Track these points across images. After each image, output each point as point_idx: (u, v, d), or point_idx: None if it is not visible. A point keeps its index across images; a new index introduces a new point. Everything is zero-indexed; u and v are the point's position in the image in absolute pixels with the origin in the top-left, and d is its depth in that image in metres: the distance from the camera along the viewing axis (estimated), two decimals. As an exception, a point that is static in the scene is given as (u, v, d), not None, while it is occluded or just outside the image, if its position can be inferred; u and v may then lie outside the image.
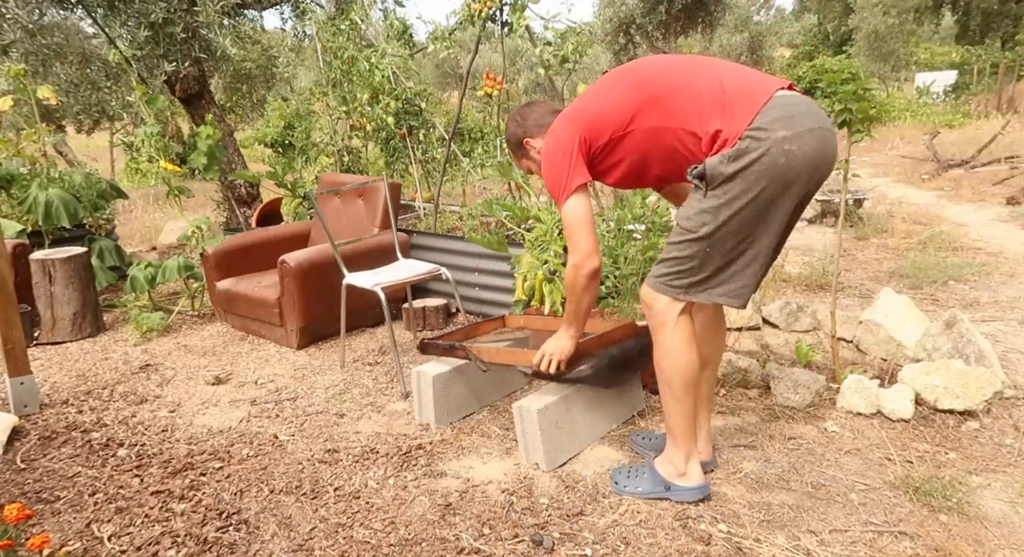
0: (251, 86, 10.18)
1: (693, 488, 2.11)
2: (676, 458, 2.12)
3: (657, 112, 1.94)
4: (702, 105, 1.88)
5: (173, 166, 4.02)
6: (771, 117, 1.81)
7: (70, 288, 3.85)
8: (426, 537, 1.99)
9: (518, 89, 15.96)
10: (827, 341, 3.05)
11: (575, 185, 2.01)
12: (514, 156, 2.39)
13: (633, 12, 16.19)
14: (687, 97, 1.91)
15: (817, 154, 1.82)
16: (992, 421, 2.52)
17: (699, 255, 1.92)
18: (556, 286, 3.18)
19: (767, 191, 1.82)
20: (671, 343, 2.00)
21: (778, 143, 1.79)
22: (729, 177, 1.82)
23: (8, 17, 4.94)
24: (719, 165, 1.83)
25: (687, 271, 1.94)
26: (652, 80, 1.99)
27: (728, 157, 1.82)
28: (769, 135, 1.79)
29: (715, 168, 1.84)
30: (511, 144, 2.36)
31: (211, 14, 4.64)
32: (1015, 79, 16.16)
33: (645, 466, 2.21)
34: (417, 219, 5.16)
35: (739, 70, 1.97)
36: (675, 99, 1.92)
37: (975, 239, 5.36)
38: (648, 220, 3.22)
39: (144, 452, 2.58)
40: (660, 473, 2.14)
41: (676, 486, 2.11)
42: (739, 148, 1.80)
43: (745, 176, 1.81)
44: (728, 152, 1.82)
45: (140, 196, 8.87)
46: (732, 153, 1.81)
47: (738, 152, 1.81)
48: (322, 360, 3.49)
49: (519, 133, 2.31)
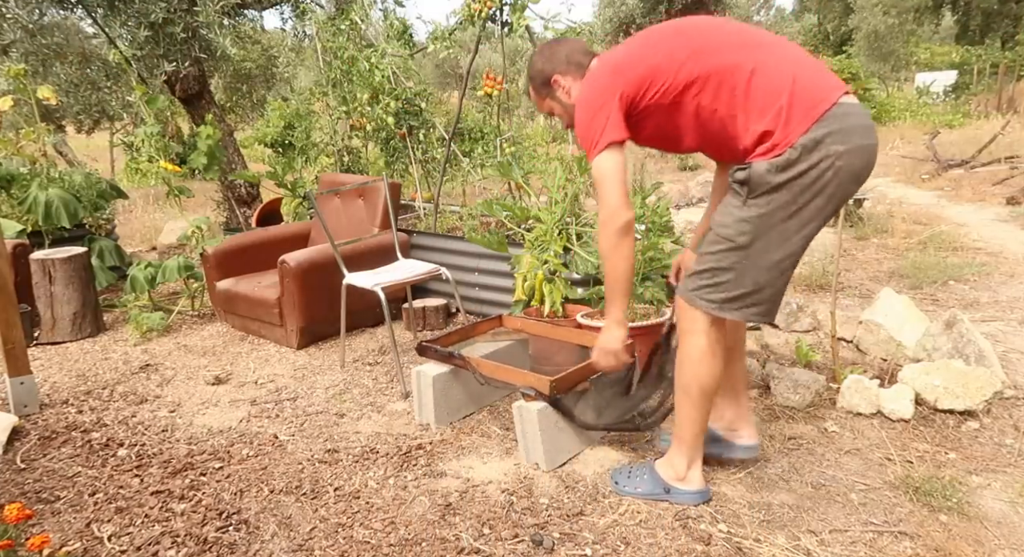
0: (251, 86, 10.18)
1: (693, 492, 2.09)
2: (678, 462, 2.10)
3: (711, 91, 1.81)
4: (762, 99, 1.77)
5: (173, 166, 4.02)
6: (828, 130, 1.72)
7: (70, 288, 3.85)
8: (426, 537, 1.99)
9: (518, 89, 15.95)
10: (827, 341, 3.05)
11: (609, 140, 1.87)
12: (536, 95, 2.19)
13: (633, 12, 16.18)
14: (749, 85, 1.78)
15: (861, 170, 1.78)
16: (992, 421, 2.52)
17: (737, 266, 1.84)
18: (556, 286, 3.18)
19: (811, 204, 1.76)
20: (696, 349, 1.95)
21: (829, 158, 1.72)
22: (775, 187, 1.75)
23: (8, 17, 4.94)
24: (766, 174, 1.75)
25: (724, 285, 1.87)
26: (717, 52, 1.83)
27: (777, 166, 1.74)
28: (823, 149, 1.72)
29: (762, 177, 1.75)
30: (535, 81, 2.15)
31: (211, 14, 4.64)
32: (1015, 79, 16.16)
33: (645, 467, 2.19)
34: (417, 219, 5.16)
35: (809, 63, 1.83)
36: (736, 83, 1.79)
37: (975, 239, 5.36)
38: (648, 220, 3.22)
39: (144, 452, 2.58)
40: (660, 475, 2.13)
41: (675, 489, 2.10)
42: (789, 158, 1.73)
43: (791, 187, 1.75)
44: (778, 161, 1.74)
45: (140, 196, 8.87)
46: (782, 162, 1.73)
47: (788, 162, 1.73)
48: (322, 360, 3.49)
49: (547, 69, 2.11)
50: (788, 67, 1.80)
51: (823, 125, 1.72)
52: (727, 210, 1.85)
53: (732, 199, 1.85)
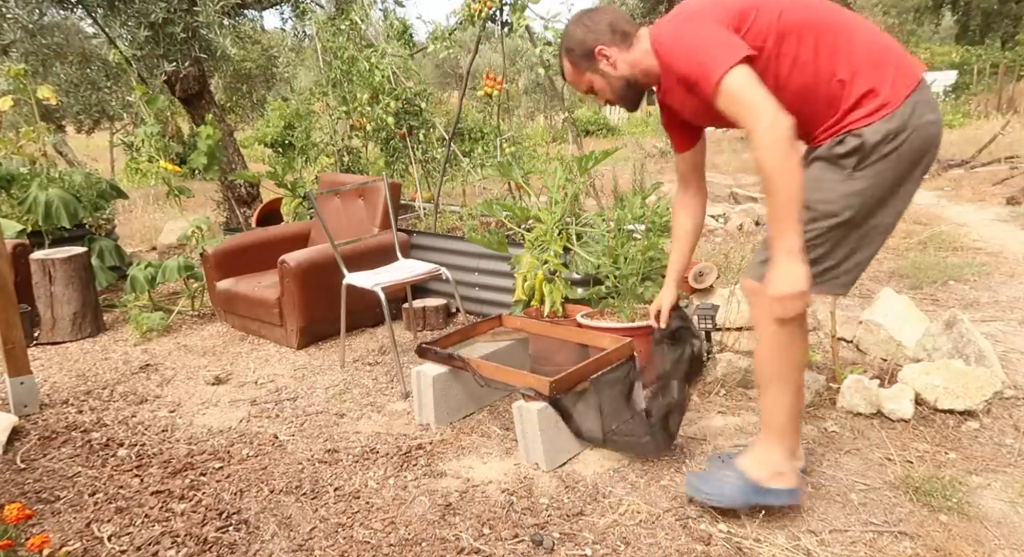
0: (251, 86, 10.18)
1: (791, 490, 1.93)
2: (775, 457, 1.93)
3: (811, 43, 1.71)
4: (866, 56, 1.70)
5: (173, 166, 4.03)
6: (924, 97, 1.70)
7: (70, 288, 3.85)
8: (426, 537, 1.99)
9: (518, 89, 15.96)
10: (827, 341, 3.05)
11: (735, 57, 1.63)
12: (574, 68, 1.99)
13: (633, 12, 16.20)
14: (851, 40, 1.71)
15: (939, 141, 1.77)
16: (992, 421, 2.52)
17: (833, 240, 1.76)
18: (556, 286, 3.18)
19: (912, 174, 1.74)
20: (791, 335, 1.82)
21: (924, 127, 1.70)
22: (883, 157, 1.69)
23: (8, 17, 4.94)
24: (880, 144, 1.68)
25: (818, 259, 1.77)
26: (812, 6, 1.75)
27: (889, 134, 1.68)
28: (917, 116, 1.68)
29: (875, 147, 1.68)
30: (574, 53, 1.96)
31: (211, 14, 4.64)
32: (1015, 79, 16.16)
33: (728, 467, 1.99)
34: (417, 219, 5.16)
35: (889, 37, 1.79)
36: (837, 38, 1.71)
37: (975, 239, 5.36)
38: (648, 220, 3.22)
39: (144, 452, 2.58)
40: (752, 477, 1.93)
41: (773, 490, 1.92)
42: (898, 125, 1.67)
43: (899, 156, 1.70)
44: (890, 127, 1.67)
45: (140, 196, 8.87)
46: (893, 130, 1.67)
47: (898, 129, 1.68)
48: (322, 360, 3.49)
49: (590, 40, 1.91)
50: (880, 33, 1.75)
51: (918, 92, 1.69)
52: (827, 185, 1.75)
53: (831, 173, 1.75)
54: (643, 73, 1.93)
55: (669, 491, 2.18)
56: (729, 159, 10.83)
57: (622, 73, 1.94)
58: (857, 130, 1.71)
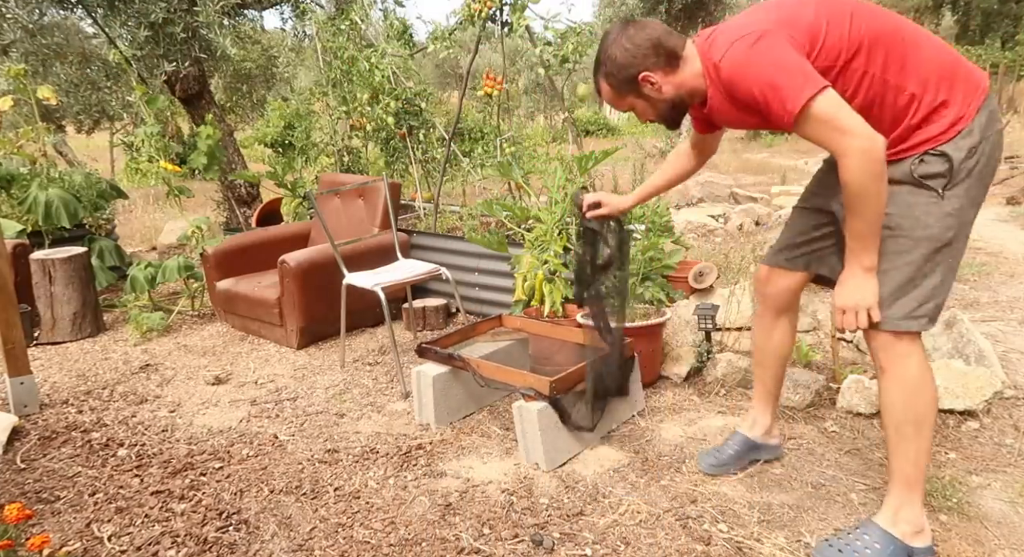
0: (251, 86, 10.18)
1: (931, 548, 1.80)
2: (913, 511, 1.79)
3: (881, 57, 1.63)
4: (935, 68, 1.64)
5: (173, 166, 4.03)
6: (992, 106, 1.66)
7: (70, 288, 3.85)
8: (426, 537, 1.99)
9: (518, 89, 15.96)
10: (827, 341, 3.05)
11: (820, 84, 1.56)
12: (614, 93, 1.86)
13: (633, 12, 16.18)
14: (919, 52, 1.64)
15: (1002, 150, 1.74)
16: (992, 421, 2.52)
17: (942, 266, 1.68)
18: (556, 286, 3.18)
19: (985, 190, 1.69)
20: (911, 380, 1.73)
21: (997, 136, 1.66)
22: (968, 174, 1.64)
23: (8, 17, 4.94)
24: (965, 160, 1.63)
25: (934, 290, 1.68)
26: (873, 15, 1.66)
27: (972, 150, 1.62)
28: (990, 129, 1.64)
29: (961, 164, 1.62)
30: (614, 78, 1.82)
31: (211, 14, 4.64)
32: (1015, 79, 16.16)
33: (867, 530, 1.82)
34: (417, 219, 5.16)
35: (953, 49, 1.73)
36: (906, 50, 1.64)
37: (975, 239, 5.35)
38: (648, 220, 3.22)
39: (144, 452, 2.58)
40: (895, 535, 1.78)
41: (919, 548, 1.78)
42: (978, 139, 1.63)
43: (982, 171, 1.66)
44: (971, 143, 1.62)
45: (140, 196, 8.87)
46: (974, 145, 1.62)
47: (977, 143, 1.63)
48: (322, 360, 3.49)
49: (635, 66, 1.77)
50: (946, 45, 1.69)
51: (987, 104, 1.65)
52: (921, 210, 1.66)
53: (921, 197, 1.66)
54: (689, 93, 1.83)
55: (669, 491, 2.18)
56: (729, 159, 10.83)
57: (668, 96, 1.83)
58: (936, 148, 1.65)
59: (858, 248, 1.67)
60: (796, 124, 1.60)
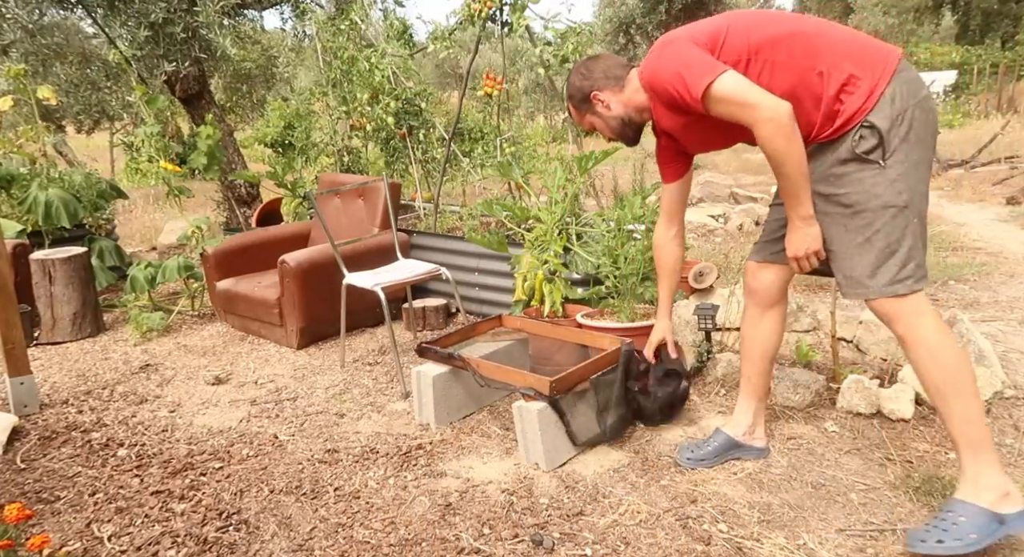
0: (251, 86, 10.19)
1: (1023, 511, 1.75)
2: (993, 476, 1.77)
3: (784, 48, 1.82)
4: (839, 47, 1.80)
5: (173, 166, 4.03)
6: (911, 75, 1.78)
7: (70, 288, 3.85)
8: (426, 537, 1.99)
9: (518, 89, 15.96)
10: (827, 341, 3.05)
11: (721, 68, 1.78)
12: (576, 112, 2.23)
13: (633, 12, 16.19)
14: (820, 37, 1.82)
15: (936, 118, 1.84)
16: (992, 421, 2.52)
17: (911, 229, 1.79)
18: (556, 286, 3.18)
19: (927, 153, 1.80)
20: (942, 339, 1.78)
21: (925, 101, 1.77)
22: (903, 138, 1.76)
23: (8, 17, 4.94)
24: (893, 128, 1.75)
25: (911, 252, 1.80)
26: (776, 20, 1.89)
27: (898, 117, 1.74)
28: (917, 92, 1.76)
29: (890, 132, 1.75)
30: (575, 99, 2.19)
31: (211, 14, 4.64)
32: (1015, 79, 16.17)
33: (953, 508, 1.80)
34: (417, 219, 5.16)
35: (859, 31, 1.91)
36: (808, 39, 1.82)
37: (975, 239, 5.36)
38: (648, 220, 3.22)
39: (144, 452, 2.58)
40: (983, 506, 1.75)
41: (1010, 514, 1.74)
42: (901, 106, 1.74)
43: (916, 134, 1.76)
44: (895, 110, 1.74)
45: (140, 196, 8.87)
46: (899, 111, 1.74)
47: (902, 109, 1.74)
48: (322, 360, 3.49)
49: (586, 86, 2.14)
50: (850, 29, 1.87)
51: (903, 71, 1.77)
52: (869, 182, 1.80)
53: (866, 171, 1.80)
54: (636, 110, 2.12)
55: (669, 491, 2.18)
56: (729, 159, 10.82)
57: (616, 113, 2.14)
58: (865, 122, 1.77)
59: (793, 203, 1.88)
60: (705, 106, 1.82)
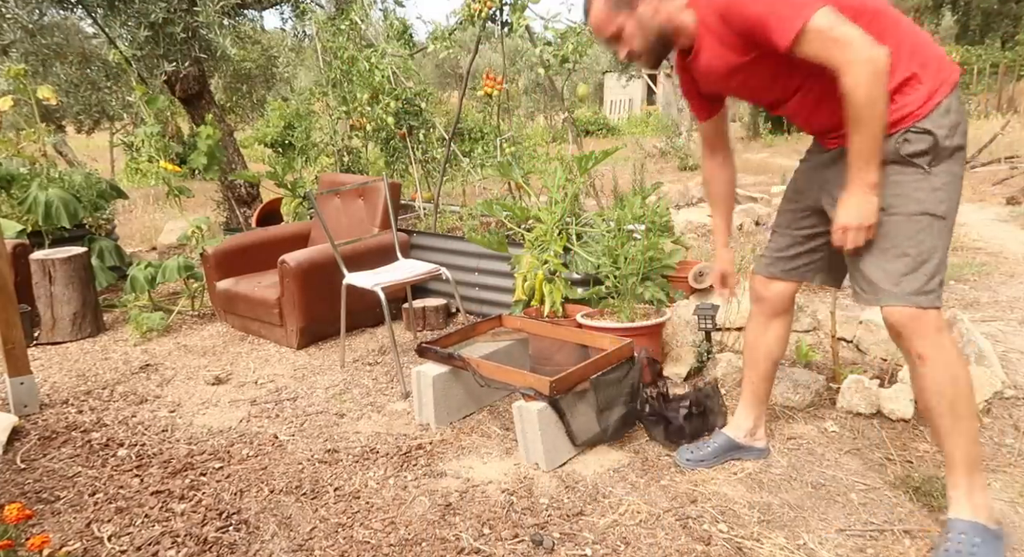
0: (251, 86, 10.17)
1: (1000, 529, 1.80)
2: (984, 494, 1.79)
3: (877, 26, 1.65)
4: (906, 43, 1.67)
5: (173, 166, 4.03)
6: (959, 95, 1.71)
7: (70, 288, 3.85)
8: (426, 537, 1.99)
9: (518, 89, 15.95)
10: (827, 341, 3.05)
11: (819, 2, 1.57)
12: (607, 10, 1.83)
13: None
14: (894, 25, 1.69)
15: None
16: (992, 421, 2.52)
17: (942, 242, 1.71)
18: (556, 286, 3.18)
19: (963, 172, 1.72)
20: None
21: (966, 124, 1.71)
22: (952, 152, 1.68)
23: (8, 17, 4.94)
24: (947, 138, 1.66)
25: (937, 266, 1.72)
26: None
27: (952, 129, 1.66)
28: (962, 112, 1.69)
29: (944, 141, 1.66)
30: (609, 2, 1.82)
31: (211, 14, 4.64)
32: (1015, 79, 16.15)
33: (949, 532, 1.77)
34: (417, 219, 5.16)
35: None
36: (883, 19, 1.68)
37: (975, 239, 5.35)
38: (648, 220, 3.22)
39: (144, 452, 2.58)
40: (986, 525, 1.75)
41: (997, 530, 1.77)
42: (956, 119, 1.66)
43: (961, 152, 1.70)
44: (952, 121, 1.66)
45: (140, 196, 8.87)
46: (955, 123, 1.66)
47: (957, 122, 1.67)
48: (322, 360, 3.49)
49: None
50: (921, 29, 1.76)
51: (956, 90, 1.69)
52: (911, 187, 1.69)
53: (909, 174, 1.70)
54: (676, 30, 1.83)
55: (669, 491, 2.18)
56: (729, 159, 10.80)
57: (659, 22, 1.81)
58: (917, 125, 1.67)
59: (861, 164, 1.67)
60: (797, 42, 1.60)
